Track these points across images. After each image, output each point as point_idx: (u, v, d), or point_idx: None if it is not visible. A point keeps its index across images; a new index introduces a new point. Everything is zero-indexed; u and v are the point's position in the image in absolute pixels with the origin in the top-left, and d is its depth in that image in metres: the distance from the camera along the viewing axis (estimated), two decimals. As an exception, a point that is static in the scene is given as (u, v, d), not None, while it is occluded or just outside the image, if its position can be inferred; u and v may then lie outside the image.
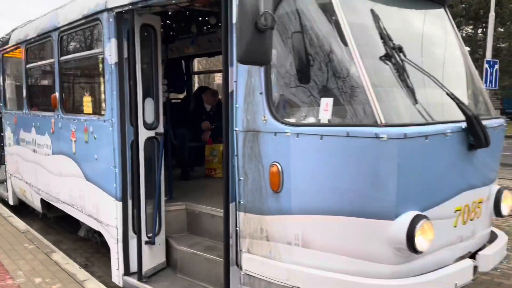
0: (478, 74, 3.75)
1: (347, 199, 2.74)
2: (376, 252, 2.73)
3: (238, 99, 3.12)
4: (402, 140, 2.57)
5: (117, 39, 4.03)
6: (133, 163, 4.07)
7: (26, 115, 6.38)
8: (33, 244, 5.60)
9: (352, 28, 2.79)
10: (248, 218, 3.15)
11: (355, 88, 2.74)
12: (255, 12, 2.44)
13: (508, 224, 6.79)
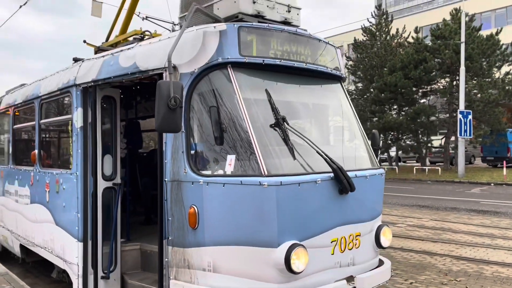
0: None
1: (243, 232, 3.59)
2: (265, 273, 3.54)
3: (167, 156, 4.03)
4: (278, 186, 3.47)
5: (83, 108, 5.01)
6: (93, 209, 4.92)
7: (11, 169, 7.26)
8: (10, 285, 6.29)
9: (247, 104, 3.76)
10: (175, 251, 3.97)
11: (248, 148, 3.67)
12: (167, 95, 3.40)
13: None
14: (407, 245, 8.92)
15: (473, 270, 7.16)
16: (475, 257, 7.92)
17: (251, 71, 4.01)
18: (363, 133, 4.77)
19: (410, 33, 32.04)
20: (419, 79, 28.08)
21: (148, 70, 4.23)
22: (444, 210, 13.90)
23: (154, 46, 4.29)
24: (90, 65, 5.01)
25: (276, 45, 4.15)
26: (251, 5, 4.38)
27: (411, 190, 20.63)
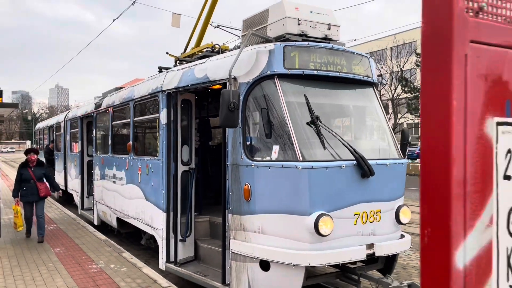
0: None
1: (283, 204, 4.74)
2: (300, 235, 4.66)
3: (229, 146, 5.28)
4: (310, 169, 4.57)
5: (167, 109, 6.43)
6: (174, 187, 6.33)
7: (110, 157, 9.01)
8: (109, 247, 7.99)
9: (289, 106, 4.90)
10: (234, 217, 5.21)
11: (288, 140, 4.80)
12: (228, 100, 4.64)
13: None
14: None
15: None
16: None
17: (294, 80, 5.13)
18: (390, 130, 5.68)
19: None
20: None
21: (216, 80, 5.51)
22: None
23: (220, 62, 5.57)
24: (173, 75, 6.43)
25: (315, 59, 5.23)
26: (296, 26, 5.49)
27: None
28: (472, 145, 0.83)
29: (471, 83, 0.81)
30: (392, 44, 41.10)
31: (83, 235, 9.05)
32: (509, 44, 0.88)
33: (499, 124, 0.88)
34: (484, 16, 0.86)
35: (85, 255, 7.45)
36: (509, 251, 0.93)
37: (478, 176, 0.86)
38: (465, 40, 0.79)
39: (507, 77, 0.88)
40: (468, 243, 0.82)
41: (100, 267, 6.69)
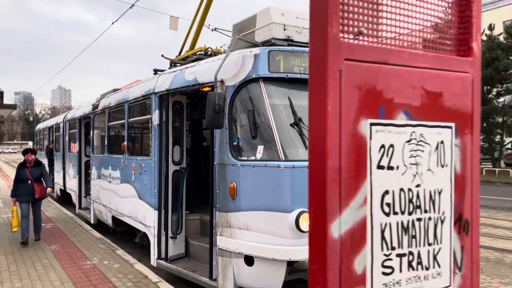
0: None
1: (267, 201, 4.96)
2: (282, 231, 4.88)
3: (216, 146, 5.51)
4: (292, 168, 4.79)
5: (159, 110, 6.66)
6: (165, 186, 6.56)
7: (106, 157, 9.24)
8: (104, 245, 8.21)
9: (273, 108, 5.12)
10: (220, 215, 5.43)
11: (272, 141, 5.03)
12: (213, 102, 4.86)
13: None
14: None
15: (494, 257, 7.87)
16: (504, 247, 8.55)
17: (278, 83, 5.35)
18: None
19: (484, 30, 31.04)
20: (491, 79, 27.29)
21: (205, 83, 5.73)
22: (498, 209, 14.09)
23: (208, 66, 5.80)
24: (165, 78, 6.66)
25: (299, 63, 5.45)
26: (282, 32, 5.71)
27: (476, 191, 20.43)
28: (346, 141, 1.05)
29: (345, 92, 1.02)
30: (391, 47, 41.31)
31: (79, 233, 9.28)
32: (382, 61, 1.10)
33: (372, 125, 1.09)
34: (364, 38, 1.07)
35: (80, 252, 7.67)
36: (383, 226, 1.14)
37: (352, 165, 1.07)
38: (340, 58, 1.00)
39: (381, 87, 1.09)
40: (343, 218, 1.03)
41: (94, 264, 6.92)
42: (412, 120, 1.16)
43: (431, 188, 1.22)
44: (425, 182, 1.21)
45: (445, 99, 1.23)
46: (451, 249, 1.29)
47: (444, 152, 1.24)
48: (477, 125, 1.28)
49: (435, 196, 1.23)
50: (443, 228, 1.26)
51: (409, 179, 1.18)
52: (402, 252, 1.18)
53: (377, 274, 1.11)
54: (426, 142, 1.20)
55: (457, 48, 1.33)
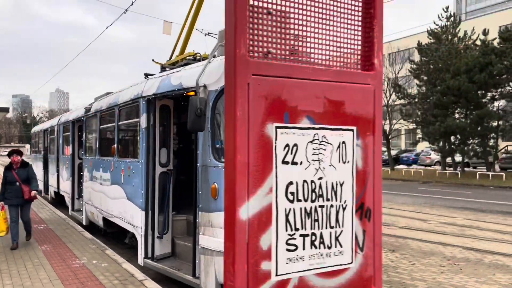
0: None
1: (246, 201, 5.17)
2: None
3: (199, 148, 5.72)
4: (269, 170, 5.01)
5: (147, 113, 6.88)
6: (152, 187, 6.76)
7: (97, 159, 9.45)
8: (95, 245, 8.40)
9: (253, 112, 5.35)
10: (203, 215, 5.64)
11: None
12: (195, 106, 5.08)
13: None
14: (427, 237, 9.90)
15: (475, 258, 8.09)
16: (485, 248, 8.77)
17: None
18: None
19: (478, 35, 31.40)
20: (484, 83, 27.60)
21: (189, 87, 5.95)
22: (487, 212, 14.32)
23: (193, 71, 6.02)
24: (152, 82, 6.89)
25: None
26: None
27: (467, 195, 20.63)
28: (254, 141, 1.26)
29: (253, 101, 1.23)
30: (387, 51, 41.69)
31: (71, 234, 9.47)
32: (287, 75, 1.31)
33: (278, 128, 1.31)
34: (273, 56, 1.28)
35: (70, 252, 7.87)
36: (287, 211, 1.35)
37: (259, 161, 1.29)
38: (248, 74, 1.22)
39: (286, 97, 1.31)
40: (251, 204, 1.25)
41: (83, 263, 7.11)
42: (315, 124, 1.37)
43: (333, 180, 1.44)
44: (327, 175, 1.42)
45: (347, 107, 1.45)
46: (353, 232, 1.51)
47: (346, 150, 1.46)
48: (379, 128, 1.49)
49: (337, 187, 1.45)
50: (345, 214, 1.48)
51: (312, 172, 1.40)
52: (305, 233, 1.39)
53: (281, 250, 1.32)
54: (328, 142, 1.42)
55: (362, 63, 1.54)
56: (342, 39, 1.46)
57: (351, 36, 1.51)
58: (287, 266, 1.35)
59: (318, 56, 1.45)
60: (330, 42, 1.45)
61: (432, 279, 6.85)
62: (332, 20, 1.41)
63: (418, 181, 28.28)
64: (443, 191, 22.14)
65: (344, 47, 1.47)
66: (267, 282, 1.29)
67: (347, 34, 1.49)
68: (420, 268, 7.49)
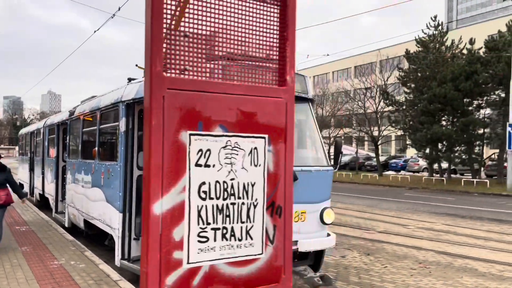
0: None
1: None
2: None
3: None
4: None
5: (126, 118, 7.04)
6: (130, 190, 6.91)
7: (80, 162, 9.57)
8: (74, 247, 8.52)
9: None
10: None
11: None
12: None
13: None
14: (403, 241, 10.14)
15: (446, 261, 8.33)
16: (457, 252, 9.01)
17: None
18: (321, 141, 6.34)
19: (465, 44, 31.95)
20: (470, 91, 28.08)
21: (165, 93, 6.14)
22: (466, 218, 14.61)
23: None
24: (132, 87, 7.05)
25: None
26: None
27: (451, 201, 20.96)
28: (168, 146, 1.45)
29: (167, 112, 1.42)
30: (376, 59, 42.21)
31: (52, 236, 9.56)
32: (201, 90, 1.50)
33: (192, 135, 1.50)
34: (190, 73, 1.47)
35: (49, 253, 7.97)
36: (199, 207, 1.54)
37: (173, 163, 1.47)
38: (163, 88, 1.40)
39: (200, 109, 1.50)
40: (164, 201, 1.43)
41: (61, 264, 7.23)
42: (228, 132, 1.56)
43: (244, 181, 1.63)
44: (239, 177, 1.61)
45: (260, 117, 1.64)
46: (263, 226, 1.70)
47: (258, 155, 1.65)
48: (291, 136, 1.69)
49: (248, 187, 1.64)
50: (256, 211, 1.67)
51: (225, 174, 1.59)
52: (216, 227, 1.58)
53: (193, 241, 1.51)
54: (240, 148, 1.61)
55: (276, 80, 1.74)
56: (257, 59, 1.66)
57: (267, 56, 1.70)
58: (199, 256, 1.54)
59: (235, 73, 1.64)
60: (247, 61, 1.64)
61: (401, 282, 7.07)
62: (250, 41, 1.60)
63: (405, 187, 28.61)
64: (428, 197, 22.45)
65: (259, 65, 1.67)
66: (179, 269, 1.47)
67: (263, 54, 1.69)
68: (392, 271, 7.71)
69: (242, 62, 1.63)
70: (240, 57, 1.63)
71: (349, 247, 9.59)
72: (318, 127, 6.41)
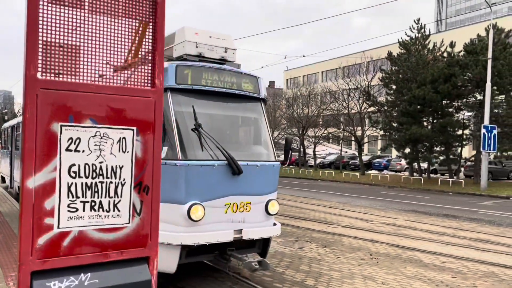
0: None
1: (167, 194, 5.74)
2: (179, 220, 5.69)
3: (130, 146, 6.31)
4: (186, 167, 5.62)
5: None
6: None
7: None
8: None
9: (176, 115, 5.95)
10: (131, 206, 6.22)
11: (173, 142, 5.85)
12: (122, 108, 5.67)
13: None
14: (362, 235, 10.64)
15: (395, 253, 8.84)
16: (409, 246, 9.53)
17: (185, 93, 6.19)
18: (270, 137, 6.79)
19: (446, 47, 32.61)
20: (448, 94, 28.75)
21: (124, 90, 6.54)
22: (432, 215, 15.19)
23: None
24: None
25: (207, 76, 6.31)
26: (195, 49, 6.58)
27: (424, 199, 21.56)
28: (41, 134, 1.86)
29: (40, 107, 1.83)
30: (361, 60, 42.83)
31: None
32: (73, 89, 1.92)
33: (63, 126, 1.92)
34: (63, 76, 1.89)
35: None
36: (69, 184, 1.96)
37: (45, 148, 1.89)
38: (36, 88, 1.82)
39: (71, 104, 1.92)
40: (37, 178, 1.84)
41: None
42: (97, 124, 1.98)
43: (113, 164, 2.05)
44: (108, 161, 2.04)
45: (129, 113, 2.07)
46: (131, 201, 2.13)
47: (126, 144, 2.08)
48: (159, 128, 2.12)
49: (116, 169, 2.07)
50: (124, 188, 2.10)
51: (94, 158, 2.01)
52: (85, 200, 2.00)
53: (63, 211, 1.93)
54: (109, 137, 2.03)
55: (148, 82, 2.17)
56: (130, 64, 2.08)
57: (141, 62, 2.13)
58: (68, 222, 1.95)
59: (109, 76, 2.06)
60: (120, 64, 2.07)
61: (347, 270, 7.55)
62: (125, 50, 2.02)
63: (384, 185, 29.21)
64: (403, 195, 23.05)
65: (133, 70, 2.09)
66: (50, 232, 1.88)
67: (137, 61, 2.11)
68: (343, 261, 8.19)
69: (116, 66, 2.04)
70: (113, 64, 2.05)
71: (309, 239, 10.06)
72: (268, 125, 6.85)
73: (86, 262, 2.03)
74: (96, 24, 2.05)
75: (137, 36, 2.10)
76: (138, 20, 2.13)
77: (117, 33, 2.12)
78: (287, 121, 48.70)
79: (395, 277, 7.24)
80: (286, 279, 6.97)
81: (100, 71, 2.01)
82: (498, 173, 35.20)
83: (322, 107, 45.12)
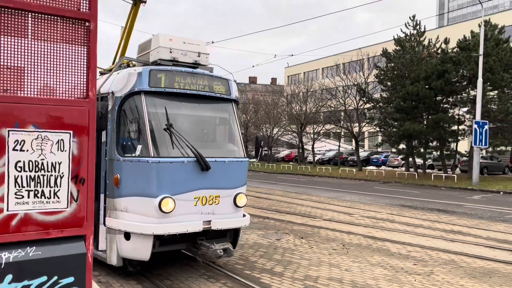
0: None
1: (140, 189, 6.31)
2: (151, 212, 6.24)
3: (107, 145, 6.83)
4: (158, 163, 6.16)
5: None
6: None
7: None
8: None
9: (149, 116, 6.49)
10: (109, 200, 6.75)
11: (146, 141, 6.39)
12: (97, 109, 6.20)
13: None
14: (339, 227, 11.16)
15: (367, 243, 9.35)
16: (381, 237, 10.04)
17: (158, 96, 6.72)
18: (240, 136, 7.32)
19: (441, 44, 32.94)
20: (441, 90, 29.14)
21: (104, 93, 7.08)
22: (417, 209, 15.66)
23: (105, 80, 7.15)
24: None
25: (179, 80, 6.84)
26: (169, 54, 7.10)
27: (415, 194, 22.00)
28: (-8, 138, 2.39)
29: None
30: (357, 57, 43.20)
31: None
32: (16, 102, 2.46)
33: (10, 131, 2.44)
34: (10, 92, 2.41)
35: None
36: (16, 176, 2.49)
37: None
38: None
39: (17, 114, 2.44)
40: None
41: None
42: (39, 129, 2.50)
43: (52, 160, 2.57)
44: (48, 158, 2.56)
45: (65, 119, 2.59)
46: (69, 190, 2.66)
47: (64, 144, 2.61)
48: (93, 132, 2.64)
49: (56, 164, 2.59)
50: (62, 180, 2.63)
51: (36, 156, 2.53)
52: (30, 189, 2.53)
53: (11, 197, 2.45)
54: (49, 139, 2.56)
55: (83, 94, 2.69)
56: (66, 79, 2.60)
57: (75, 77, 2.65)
58: (16, 207, 2.49)
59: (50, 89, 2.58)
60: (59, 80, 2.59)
61: (317, 259, 8.08)
62: (60, 68, 2.54)
63: (379, 181, 29.67)
64: (395, 190, 23.51)
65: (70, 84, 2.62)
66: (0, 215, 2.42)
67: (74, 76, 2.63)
68: (315, 251, 8.71)
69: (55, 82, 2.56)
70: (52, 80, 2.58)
71: (289, 232, 10.58)
72: (238, 124, 7.38)
73: (31, 238, 2.57)
74: (38, 48, 2.56)
75: (73, 57, 2.61)
76: (74, 45, 2.64)
77: (57, 55, 2.63)
78: (287, 118, 49.20)
79: (360, 264, 7.76)
80: (257, 267, 7.50)
81: (41, 86, 2.53)
82: (494, 168, 35.61)
83: (320, 104, 45.55)
